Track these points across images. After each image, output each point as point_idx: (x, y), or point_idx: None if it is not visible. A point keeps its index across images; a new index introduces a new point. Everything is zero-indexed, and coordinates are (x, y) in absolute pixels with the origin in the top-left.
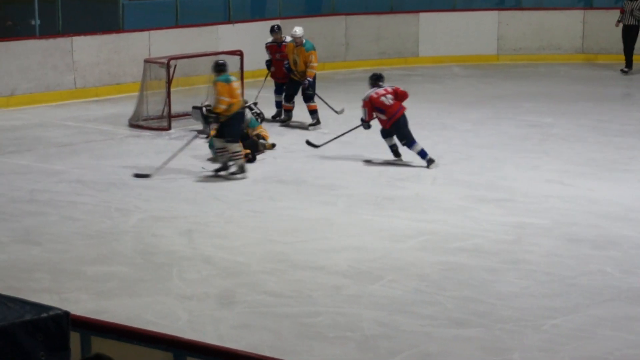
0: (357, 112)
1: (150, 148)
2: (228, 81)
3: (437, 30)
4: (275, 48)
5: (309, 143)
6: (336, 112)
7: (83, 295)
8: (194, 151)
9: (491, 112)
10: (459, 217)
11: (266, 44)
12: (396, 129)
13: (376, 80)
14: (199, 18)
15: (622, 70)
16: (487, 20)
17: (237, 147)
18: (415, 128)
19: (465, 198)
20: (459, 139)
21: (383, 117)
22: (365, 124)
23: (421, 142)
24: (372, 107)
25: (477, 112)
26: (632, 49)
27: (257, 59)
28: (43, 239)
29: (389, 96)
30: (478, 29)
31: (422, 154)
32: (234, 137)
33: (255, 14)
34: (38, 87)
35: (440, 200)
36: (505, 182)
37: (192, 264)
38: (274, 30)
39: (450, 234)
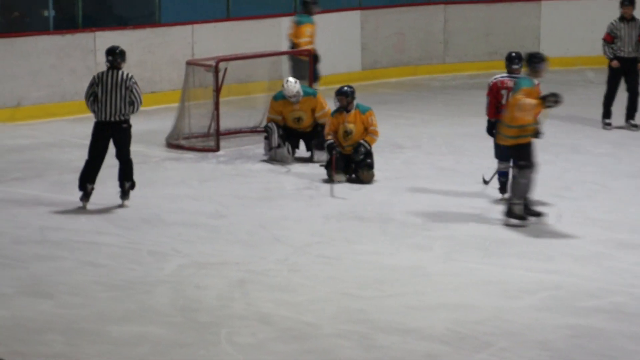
0: None
1: (194, 174)
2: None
3: (564, 24)
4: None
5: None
6: None
7: None
8: (246, 178)
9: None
10: (594, 267)
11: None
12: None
13: (511, 62)
14: (256, 8)
15: (605, 123)
16: None
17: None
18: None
19: (602, 242)
20: (595, 166)
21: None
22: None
23: (547, 167)
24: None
25: (619, 130)
26: (637, 94)
27: (332, 60)
28: (56, 290)
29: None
30: None
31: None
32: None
33: (330, 3)
34: (52, 96)
35: (568, 245)
36: None
37: (245, 325)
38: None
39: (582, 289)
